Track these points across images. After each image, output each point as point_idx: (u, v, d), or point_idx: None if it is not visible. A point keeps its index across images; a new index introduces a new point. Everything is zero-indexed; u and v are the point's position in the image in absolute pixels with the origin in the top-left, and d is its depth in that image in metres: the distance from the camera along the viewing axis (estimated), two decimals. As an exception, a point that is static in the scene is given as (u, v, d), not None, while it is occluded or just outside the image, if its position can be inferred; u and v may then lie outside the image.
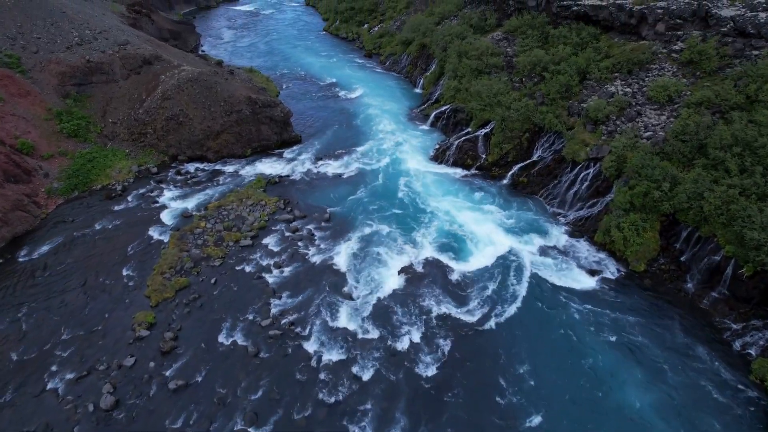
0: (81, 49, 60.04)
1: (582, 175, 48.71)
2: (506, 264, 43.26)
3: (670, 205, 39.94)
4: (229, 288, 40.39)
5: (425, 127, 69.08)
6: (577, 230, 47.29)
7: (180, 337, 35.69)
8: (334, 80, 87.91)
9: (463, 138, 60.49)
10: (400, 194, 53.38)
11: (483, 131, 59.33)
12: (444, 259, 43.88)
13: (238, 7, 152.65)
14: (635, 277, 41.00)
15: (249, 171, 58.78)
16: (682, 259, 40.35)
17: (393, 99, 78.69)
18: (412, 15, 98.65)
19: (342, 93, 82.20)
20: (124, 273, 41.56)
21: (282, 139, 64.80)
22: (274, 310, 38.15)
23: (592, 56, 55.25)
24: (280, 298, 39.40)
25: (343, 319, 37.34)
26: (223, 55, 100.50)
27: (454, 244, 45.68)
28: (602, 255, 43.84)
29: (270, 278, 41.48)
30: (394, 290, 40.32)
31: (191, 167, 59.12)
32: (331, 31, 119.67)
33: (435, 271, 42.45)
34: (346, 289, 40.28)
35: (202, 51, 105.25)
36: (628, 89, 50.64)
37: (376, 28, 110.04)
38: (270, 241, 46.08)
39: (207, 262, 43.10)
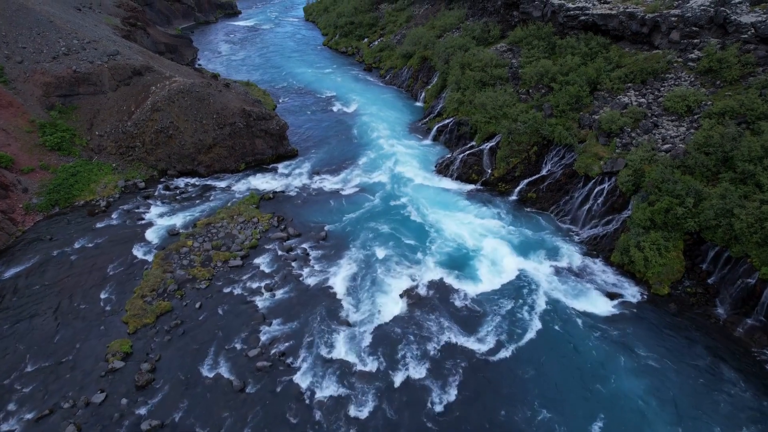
0: (68, 59, 57.52)
1: (596, 190, 45.63)
2: (517, 286, 39.89)
3: (696, 223, 36.78)
4: (214, 313, 36.94)
5: (427, 141, 66.28)
6: (591, 249, 44.00)
7: (158, 368, 32.14)
8: (333, 94, 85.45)
9: (468, 152, 57.61)
10: (401, 210, 50.24)
11: (488, 145, 56.45)
12: (450, 280, 40.52)
13: (237, 23, 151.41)
14: (658, 301, 37.58)
15: (242, 186, 55.75)
16: (709, 281, 37.02)
17: (393, 112, 76.07)
18: (413, 29, 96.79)
19: (341, 107, 79.64)
20: (102, 296, 38.15)
21: (277, 153, 61.93)
22: (263, 338, 34.66)
23: (602, 66, 52.63)
24: (270, 324, 35.92)
25: (340, 349, 33.82)
26: (221, 69, 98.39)
27: (461, 264, 42.36)
28: (620, 276, 40.48)
29: (260, 302, 38.07)
30: (396, 316, 36.88)
31: (181, 182, 56.10)
32: (331, 46, 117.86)
33: (440, 294, 39.07)
34: (342, 314, 36.84)
35: (199, 65, 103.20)
36: (642, 100, 47.87)
37: (376, 42, 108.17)
38: (261, 261, 42.76)
39: (192, 284, 39.71)
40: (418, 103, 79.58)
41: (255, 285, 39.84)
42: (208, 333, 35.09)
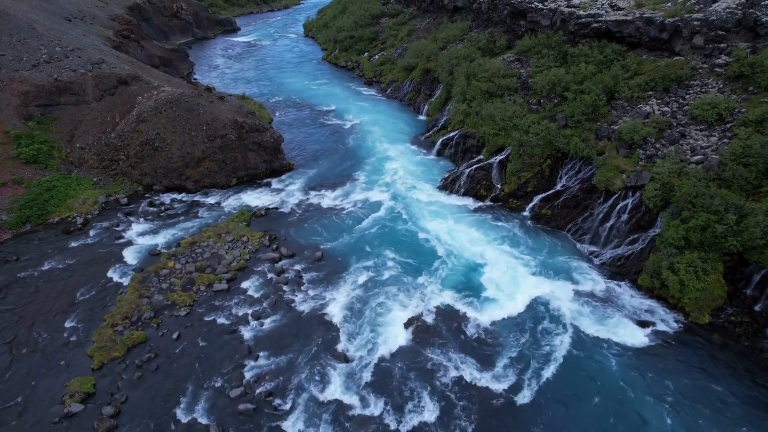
0: (49, 67, 54.08)
1: (619, 206, 41.57)
2: (536, 313, 35.51)
3: (738, 242, 32.57)
4: (194, 345, 32.46)
5: (431, 155, 62.52)
6: (615, 271, 39.76)
7: (123, 412, 27.58)
8: (332, 108, 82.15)
9: (475, 166, 53.74)
10: (404, 229, 46.09)
11: (497, 158, 52.61)
12: (460, 307, 36.14)
13: (236, 38, 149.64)
14: (698, 330, 33.14)
15: (233, 202, 51.72)
16: (756, 308, 32.66)
17: (395, 126, 72.58)
18: (415, 42, 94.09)
19: (340, 120, 76.18)
20: (67, 325, 33.73)
21: (272, 167, 58.10)
22: (248, 375, 30.15)
23: (620, 74, 49.12)
24: (256, 358, 31.44)
25: (336, 388, 29.29)
26: (216, 83, 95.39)
27: (472, 288, 38.05)
28: (651, 302, 36.13)
29: (246, 332, 33.62)
30: (400, 348, 32.41)
31: (167, 198, 52.08)
32: (330, 60, 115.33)
33: (450, 323, 34.65)
34: (339, 347, 32.36)
35: (195, 79, 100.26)
36: (665, 108, 44.18)
37: (376, 56, 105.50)
38: (250, 284, 38.45)
39: (171, 310, 35.31)
40: (421, 117, 76.14)
41: (241, 312, 35.45)
42: (186, 368, 30.59)
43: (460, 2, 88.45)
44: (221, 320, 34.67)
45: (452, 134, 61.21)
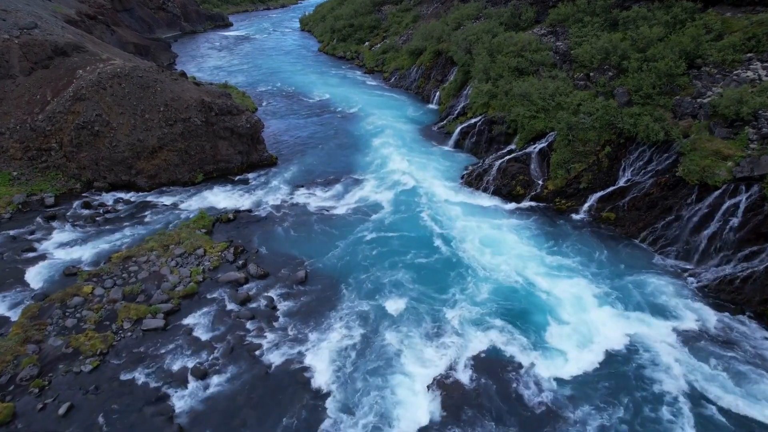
0: (-39, 31, 42.48)
1: (725, 206, 29.47)
2: (625, 365, 23.31)
3: None
4: (90, 425, 20.22)
5: (446, 147, 50.69)
6: (726, 299, 27.67)
7: None
8: (327, 97, 70.49)
9: (508, 157, 41.81)
10: (418, 239, 34.03)
11: (537, 146, 40.68)
12: (508, 356, 23.94)
13: (228, 33, 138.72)
14: None
15: (195, 203, 39.78)
16: None
17: (401, 116, 60.83)
18: (422, 25, 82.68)
19: (337, 111, 64.45)
20: None
21: (249, 160, 46.20)
22: (169, 485, 17.94)
23: (701, 34, 37.34)
24: (188, 451, 19.24)
25: None
26: (199, 74, 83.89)
27: (522, 326, 25.85)
28: (797, 348, 24.02)
29: (179, 400, 21.38)
30: (422, 429, 20.16)
31: (109, 198, 40.11)
32: (327, 51, 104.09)
33: (495, 382, 22.41)
34: (327, 427, 20.09)
35: (175, 69, 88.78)
36: (778, 73, 32.37)
37: (378, 45, 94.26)
38: (197, 320, 26.25)
39: (70, 364, 23.10)
40: (432, 105, 64.42)
41: (177, 365, 23.21)
42: (68, 470, 18.41)
43: (475, -21, 77.03)
44: (144, 379, 22.42)
45: (473, 120, 49.36)
